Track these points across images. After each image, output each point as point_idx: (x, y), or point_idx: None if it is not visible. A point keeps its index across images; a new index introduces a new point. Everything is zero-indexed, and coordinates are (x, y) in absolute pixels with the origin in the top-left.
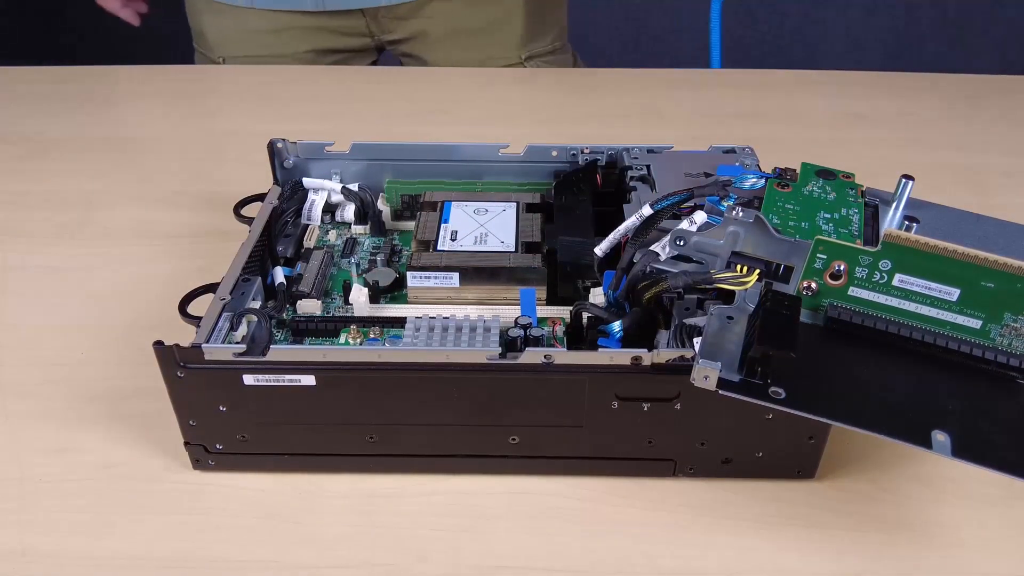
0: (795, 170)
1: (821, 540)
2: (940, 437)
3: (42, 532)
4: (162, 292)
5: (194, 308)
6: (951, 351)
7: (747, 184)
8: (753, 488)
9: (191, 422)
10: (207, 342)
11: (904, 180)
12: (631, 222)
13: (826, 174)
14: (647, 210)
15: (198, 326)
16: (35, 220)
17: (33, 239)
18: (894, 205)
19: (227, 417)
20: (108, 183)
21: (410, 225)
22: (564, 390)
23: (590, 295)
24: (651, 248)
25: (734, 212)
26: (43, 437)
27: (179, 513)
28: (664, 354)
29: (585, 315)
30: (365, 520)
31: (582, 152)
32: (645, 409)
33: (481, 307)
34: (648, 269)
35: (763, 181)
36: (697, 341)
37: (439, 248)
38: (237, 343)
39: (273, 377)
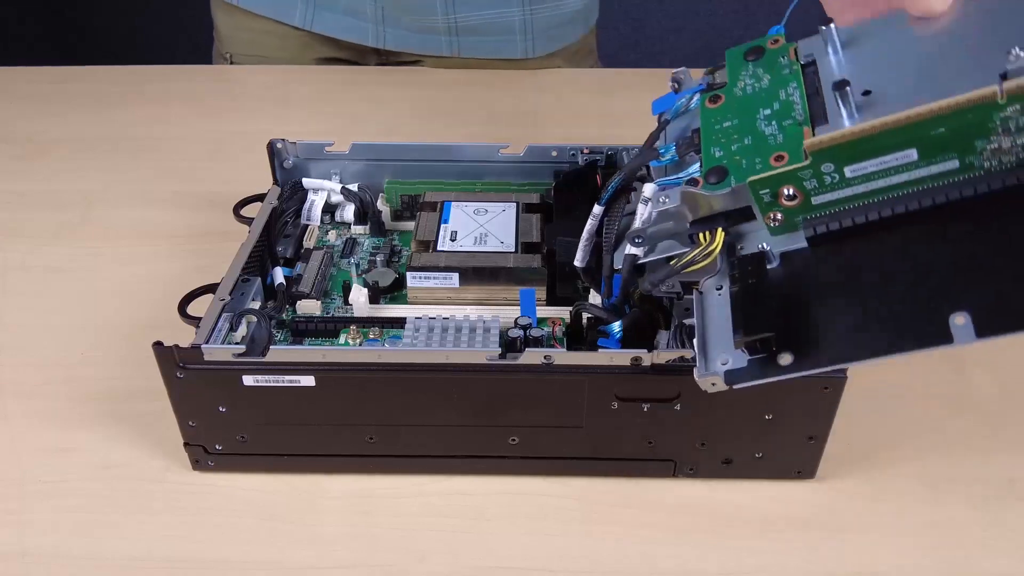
0: (723, 66)
1: (821, 540)
2: (959, 320)
3: (42, 532)
4: (162, 292)
5: (194, 308)
6: (949, 204)
7: (689, 105)
8: (753, 488)
9: (191, 423)
10: (207, 343)
11: (825, 28)
12: (589, 225)
13: (755, 52)
14: (597, 209)
15: (198, 326)
16: (35, 220)
17: (33, 239)
18: (830, 51)
19: (227, 418)
20: (108, 183)
21: (410, 225)
22: (564, 390)
23: (590, 295)
24: (627, 252)
25: (661, 199)
26: (43, 437)
27: (179, 514)
28: (664, 354)
29: (585, 315)
30: (365, 520)
31: (582, 152)
32: (645, 409)
33: (481, 307)
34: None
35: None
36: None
37: (439, 248)
38: (237, 343)
39: (273, 378)
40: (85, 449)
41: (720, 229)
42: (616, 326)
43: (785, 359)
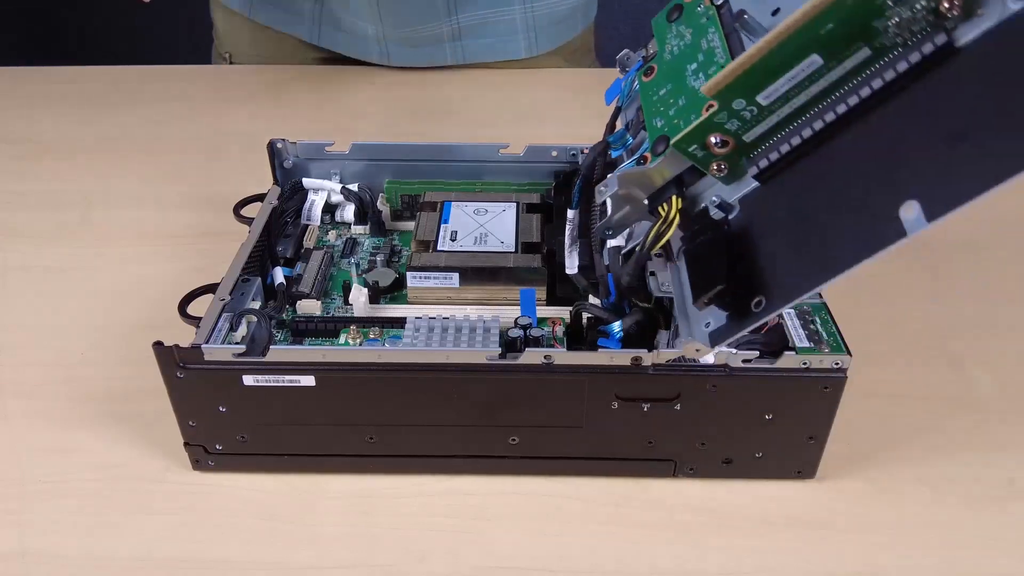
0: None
1: (821, 540)
2: (908, 212)
3: (42, 532)
4: (162, 292)
5: (194, 308)
6: (875, 93)
7: (635, 86)
8: (753, 488)
9: (191, 423)
10: (207, 342)
11: None
12: (568, 230)
13: (676, 11)
14: (571, 213)
15: (198, 326)
16: (35, 220)
17: (33, 239)
18: None
19: (227, 417)
20: (108, 183)
21: (410, 225)
22: (564, 390)
23: (589, 295)
24: (608, 247)
25: (601, 188)
26: (43, 437)
27: (179, 514)
28: (664, 354)
29: (585, 315)
30: (365, 520)
31: (582, 152)
32: (645, 409)
33: (481, 307)
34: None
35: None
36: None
37: (439, 248)
38: (237, 343)
39: (273, 377)
40: (85, 449)
41: (674, 196)
42: (616, 326)
43: (757, 304)
